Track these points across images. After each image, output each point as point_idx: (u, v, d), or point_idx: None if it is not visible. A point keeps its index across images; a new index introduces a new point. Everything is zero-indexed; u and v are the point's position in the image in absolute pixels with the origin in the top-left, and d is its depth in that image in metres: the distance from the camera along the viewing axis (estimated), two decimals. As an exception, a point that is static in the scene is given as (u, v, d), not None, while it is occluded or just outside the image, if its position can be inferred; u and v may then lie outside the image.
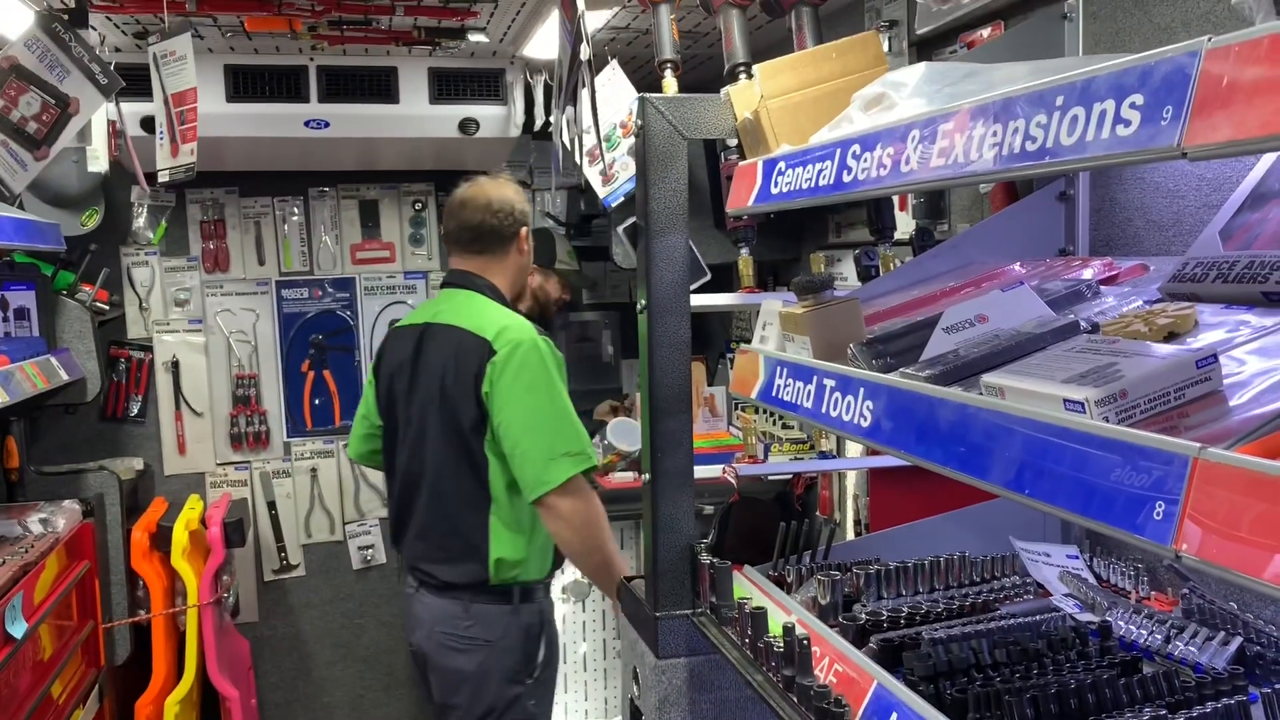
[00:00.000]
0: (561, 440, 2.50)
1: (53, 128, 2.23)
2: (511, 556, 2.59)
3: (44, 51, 2.27)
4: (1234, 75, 0.83)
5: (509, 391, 2.51)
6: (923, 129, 1.31)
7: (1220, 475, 0.87)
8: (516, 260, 2.79)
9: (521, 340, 2.54)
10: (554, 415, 2.51)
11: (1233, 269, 1.40)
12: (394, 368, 2.75)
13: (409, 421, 2.70)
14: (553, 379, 2.54)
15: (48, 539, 2.91)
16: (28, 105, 2.21)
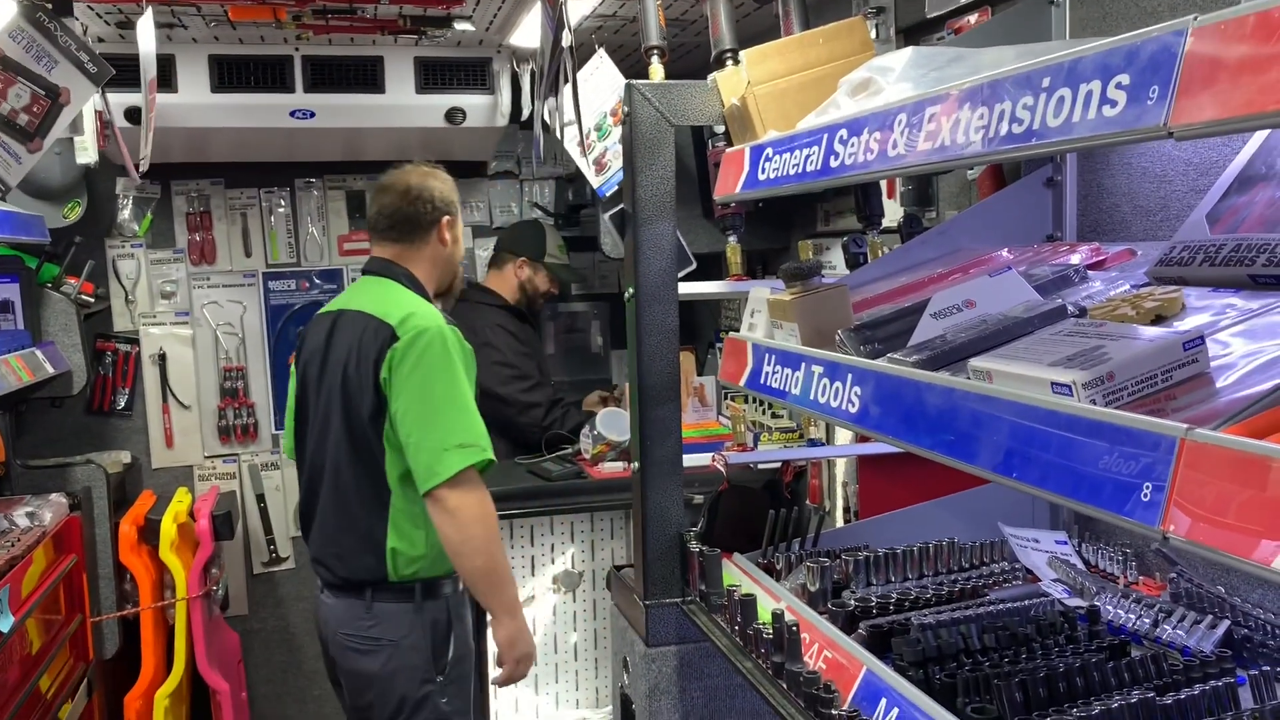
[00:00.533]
0: (455, 432, 2.41)
1: (44, 119, 2.21)
2: (408, 551, 2.50)
3: (30, 41, 2.25)
4: (1219, 54, 0.83)
5: (407, 380, 2.43)
6: (910, 113, 1.30)
7: (1207, 456, 0.87)
8: (437, 250, 2.69)
9: (425, 328, 2.46)
10: (449, 406, 2.43)
11: (1219, 252, 1.40)
12: (308, 356, 2.68)
13: (316, 411, 2.63)
14: (453, 369, 2.46)
15: (34, 533, 2.89)
16: (17, 97, 2.19)
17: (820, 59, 1.84)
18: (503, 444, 3.69)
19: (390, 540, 2.50)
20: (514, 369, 3.65)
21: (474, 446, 2.42)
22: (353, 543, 2.55)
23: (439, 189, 2.70)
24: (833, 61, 1.84)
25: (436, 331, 2.46)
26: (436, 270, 2.71)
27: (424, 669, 2.54)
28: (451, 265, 2.76)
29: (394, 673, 2.53)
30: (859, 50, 1.85)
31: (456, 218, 2.73)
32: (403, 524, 2.51)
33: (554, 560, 3.34)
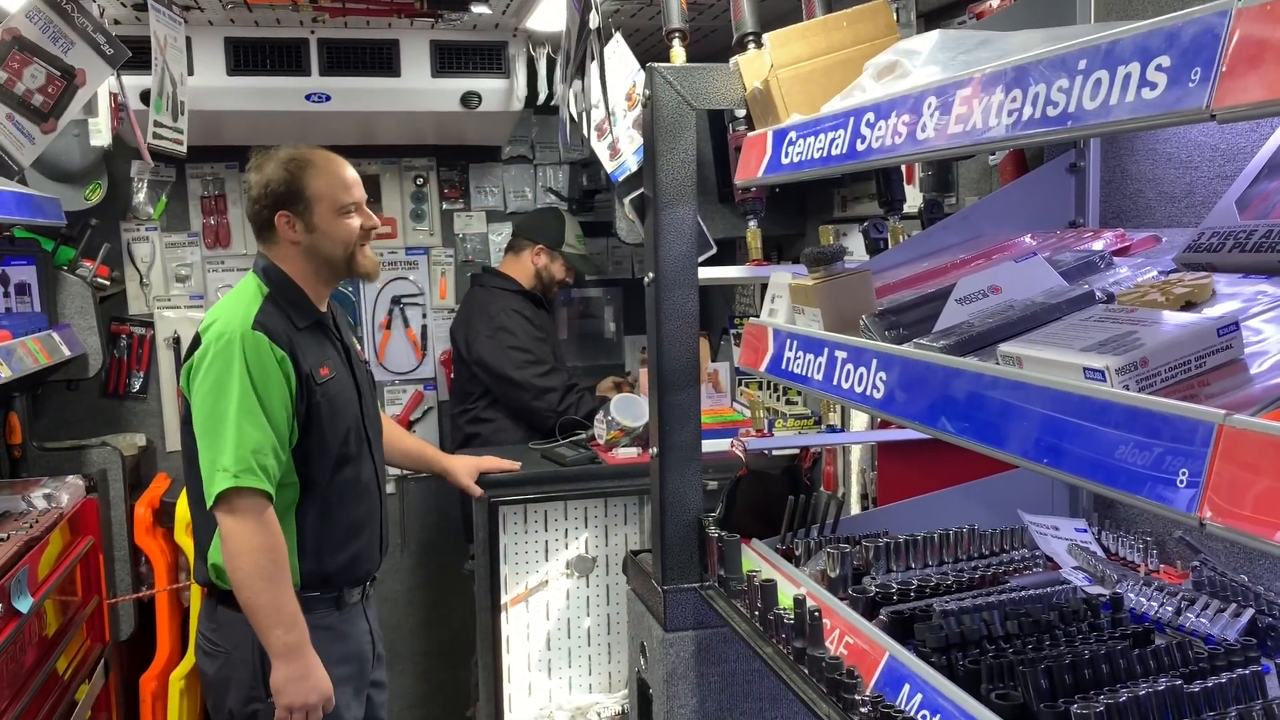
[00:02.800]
0: (225, 451, 2.26)
1: (59, 100, 2.21)
2: (223, 563, 2.36)
3: (46, 22, 2.25)
4: (1266, 35, 0.82)
5: (196, 392, 2.34)
6: (939, 96, 1.29)
7: (1245, 442, 0.86)
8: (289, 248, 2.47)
9: (219, 336, 2.34)
10: (224, 423, 2.28)
11: (1250, 238, 1.39)
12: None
13: None
14: (234, 382, 2.30)
15: (52, 514, 2.91)
16: (32, 78, 2.19)
17: (845, 42, 1.83)
18: (517, 429, 3.69)
19: (212, 550, 2.41)
20: (529, 354, 3.65)
21: (244, 471, 2.25)
22: (198, 546, 2.49)
23: (270, 182, 2.43)
24: (857, 45, 1.83)
25: (223, 344, 2.32)
26: (302, 266, 2.48)
27: (250, 685, 2.40)
28: (322, 255, 2.48)
29: (224, 680, 2.44)
30: (884, 33, 1.84)
31: (305, 206, 2.44)
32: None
33: (568, 545, 3.34)
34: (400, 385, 4.31)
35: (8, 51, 2.23)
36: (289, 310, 2.44)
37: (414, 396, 4.31)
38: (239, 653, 2.41)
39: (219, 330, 2.34)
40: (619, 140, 2.99)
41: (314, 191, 2.45)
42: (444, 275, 4.30)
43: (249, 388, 2.30)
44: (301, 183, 2.44)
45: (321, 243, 2.47)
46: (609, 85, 2.84)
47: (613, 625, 3.39)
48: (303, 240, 2.46)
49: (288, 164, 2.44)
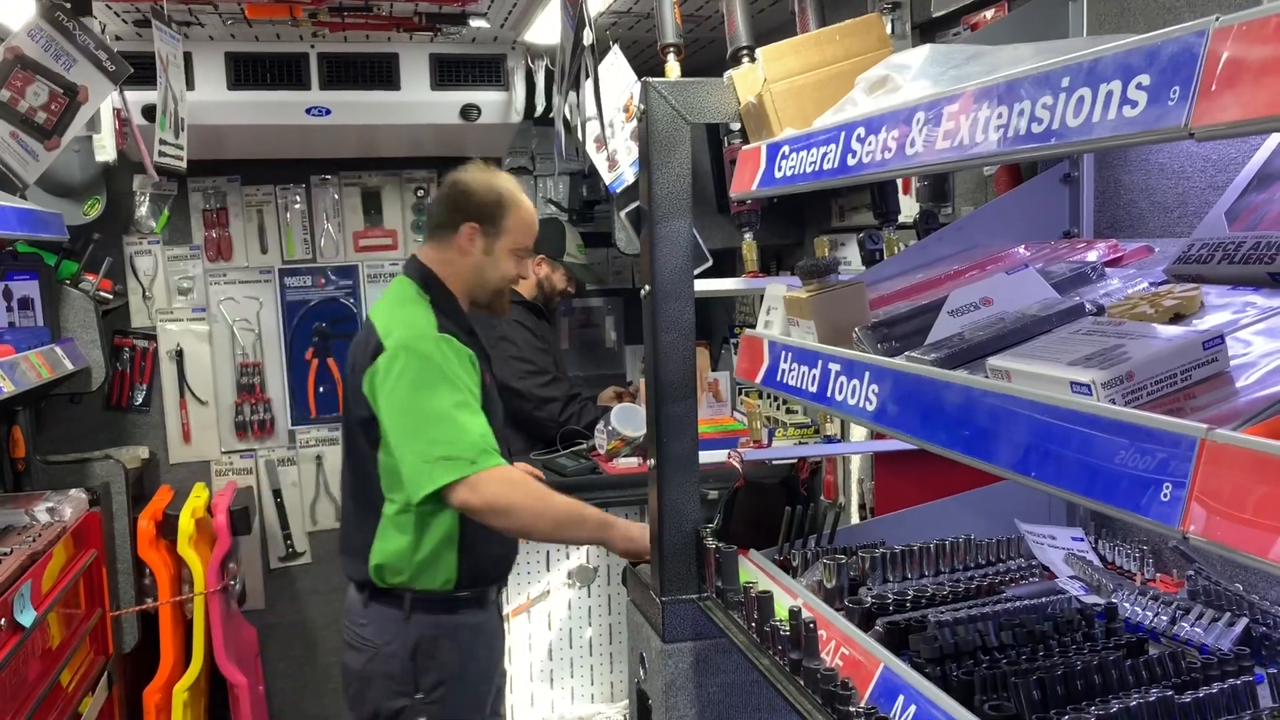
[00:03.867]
0: (438, 444, 2.35)
1: (62, 117, 2.23)
2: (390, 562, 2.46)
3: (48, 40, 2.27)
4: (1241, 55, 0.83)
5: (391, 395, 2.40)
6: (928, 111, 1.30)
7: (1227, 456, 0.87)
8: (457, 256, 2.58)
9: (407, 341, 2.42)
10: (434, 419, 2.36)
11: (1239, 250, 1.39)
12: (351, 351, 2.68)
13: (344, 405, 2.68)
14: (435, 382, 2.39)
15: (55, 528, 2.92)
16: (35, 95, 2.21)
17: (837, 56, 1.84)
18: (519, 438, 3.70)
19: (375, 547, 2.48)
20: (530, 364, 3.66)
21: (482, 454, 2.35)
22: (354, 545, 2.55)
23: (480, 194, 2.57)
24: (850, 58, 1.84)
25: (418, 344, 2.41)
26: (461, 277, 2.59)
27: (400, 681, 2.47)
28: (481, 278, 2.61)
29: (371, 676, 2.50)
30: (876, 47, 1.85)
31: (496, 232, 2.57)
32: (390, 532, 2.47)
33: (569, 555, 3.35)
34: (402, 396, 4.33)
35: (10, 70, 2.25)
36: (452, 317, 2.55)
37: (416, 407, 4.32)
38: (390, 648, 2.48)
39: (404, 336, 2.43)
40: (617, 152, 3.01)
41: (508, 225, 2.59)
42: (445, 286, 4.31)
43: (457, 383, 2.41)
44: (503, 211, 2.58)
45: (488, 268, 2.60)
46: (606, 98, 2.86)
47: (614, 635, 3.40)
48: (474, 257, 2.58)
49: (500, 190, 2.60)
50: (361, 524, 2.53)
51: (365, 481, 2.51)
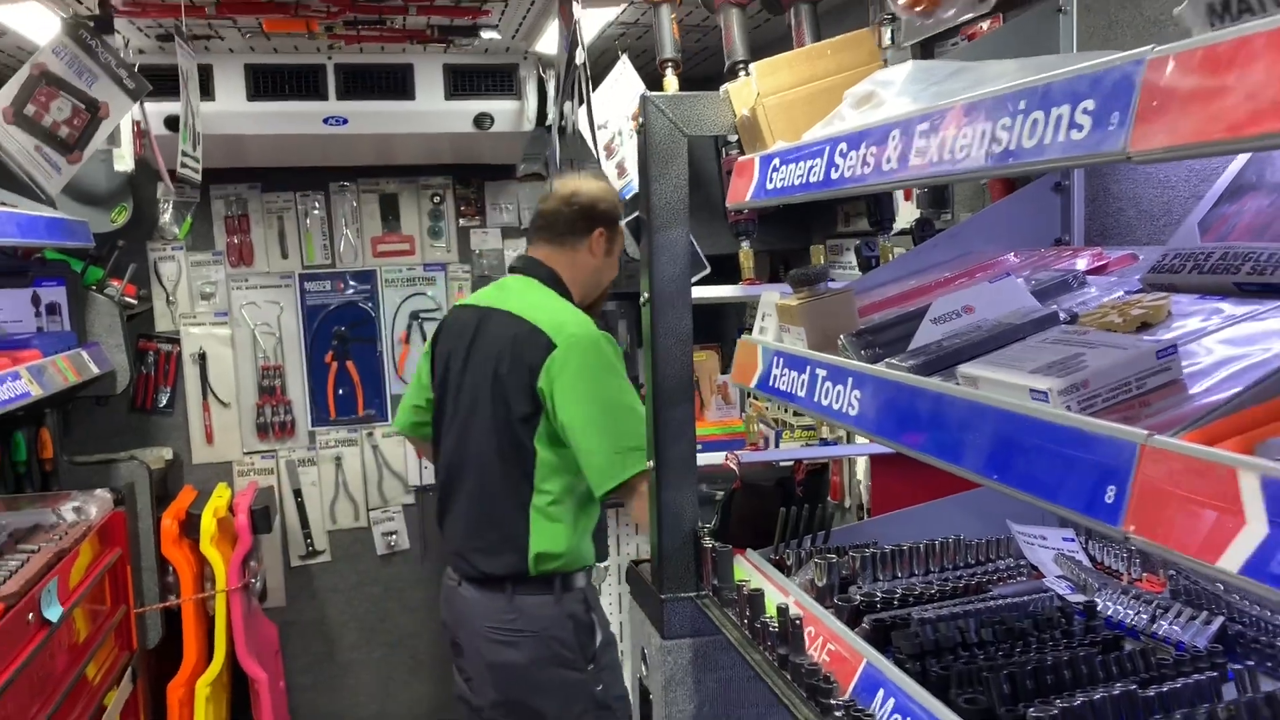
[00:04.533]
0: (629, 435, 2.48)
1: (84, 132, 2.32)
2: (551, 549, 2.58)
3: (72, 58, 2.36)
4: (1172, 84, 0.88)
5: (572, 389, 2.49)
6: (903, 129, 1.36)
7: (1164, 460, 0.92)
8: (586, 259, 2.74)
9: (581, 338, 2.54)
10: (620, 411, 2.50)
11: (1208, 260, 1.44)
12: (450, 348, 2.75)
13: (458, 405, 2.71)
14: (615, 375, 2.53)
15: (80, 527, 3.02)
16: (59, 110, 2.30)
17: (828, 70, 1.90)
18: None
19: (533, 538, 2.58)
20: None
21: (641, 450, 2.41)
22: (496, 539, 2.61)
23: (605, 202, 2.73)
24: (841, 73, 1.90)
25: (591, 341, 2.54)
26: (581, 279, 2.75)
27: (571, 659, 2.60)
28: (598, 279, 2.79)
29: (540, 662, 2.59)
30: (866, 61, 1.91)
31: (614, 237, 2.76)
32: (543, 523, 2.58)
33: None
34: (419, 398, 4.41)
35: (36, 86, 2.33)
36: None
37: (432, 409, 4.41)
38: (550, 631, 2.59)
39: (576, 332, 2.56)
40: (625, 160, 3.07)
41: (620, 230, 2.79)
42: (460, 290, 4.40)
43: (624, 380, 2.55)
44: (618, 217, 2.77)
45: (606, 271, 2.79)
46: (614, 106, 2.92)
47: (623, 633, 3.46)
48: (599, 261, 2.74)
49: (615, 199, 2.77)
50: (503, 521, 2.60)
51: (514, 478, 2.58)
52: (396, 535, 4.42)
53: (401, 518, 4.42)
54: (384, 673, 4.46)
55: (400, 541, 4.43)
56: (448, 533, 2.78)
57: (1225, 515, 0.84)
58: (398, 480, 4.40)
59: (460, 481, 2.71)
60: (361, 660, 4.45)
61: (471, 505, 2.68)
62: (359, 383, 4.35)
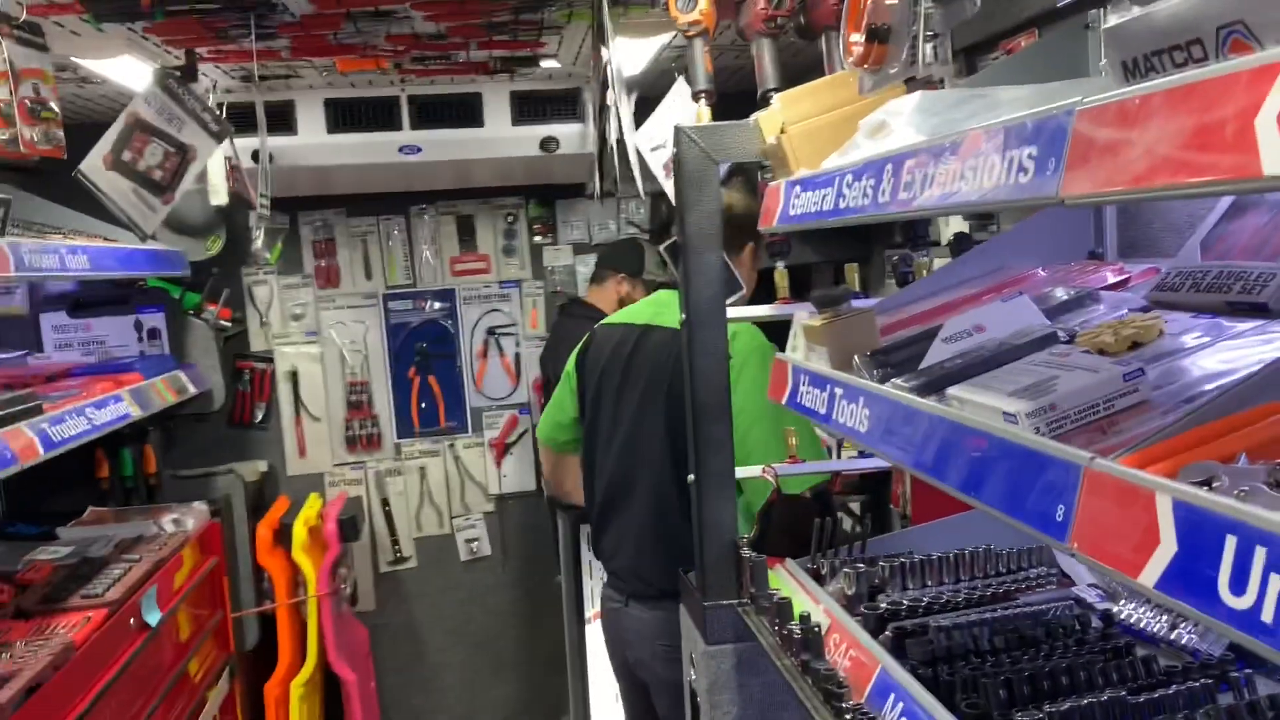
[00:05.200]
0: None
1: (175, 174, 2.52)
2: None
3: (161, 106, 2.56)
4: (1093, 135, 0.95)
5: (748, 398, 2.45)
6: (893, 164, 1.43)
7: (1102, 482, 0.99)
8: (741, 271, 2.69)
9: (756, 346, 2.55)
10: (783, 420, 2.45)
11: (1204, 279, 1.49)
12: (603, 365, 2.77)
13: (619, 422, 2.72)
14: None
15: (178, 537, 3.25)
16: (152, 155, 2.50)
17: (850, 98, 1.96)
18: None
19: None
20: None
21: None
22: (676, 553, 2.53)
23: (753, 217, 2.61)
24: (862, 101, 1.96)
25: (765, 347, 2.55)
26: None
27: None
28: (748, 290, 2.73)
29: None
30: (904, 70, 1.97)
31: (761, 249, 2.74)
32: None
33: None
34: (497, 410, 4.59)
35: (130, 134, 2.55)
36: None
37: (509, 420, 4.58)
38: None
39: (749, 341, 2.57)
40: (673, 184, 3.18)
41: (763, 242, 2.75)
42: (534, 306, 4.56)
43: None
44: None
45: (750, 282, 2.76)
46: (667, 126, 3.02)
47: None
48: (748, 273, 2.74)
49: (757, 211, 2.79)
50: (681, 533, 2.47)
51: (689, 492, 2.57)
52: (478, 541, 4.60)
53: (483, 524, 4.60)
54: (469, 673, 4.64)
55: (482, 548, 4.61)
56: (610, 550, 2.78)
57: (1146, 534, 0.91)
58: (478, 488, 4.58)
59: (628, 498, 2.71)
60: (448, 662, 4.63)
61: (645, 520, 2.68)
62: (440, 396, 4.55)
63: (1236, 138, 0.75)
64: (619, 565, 2.76)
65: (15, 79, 2.00)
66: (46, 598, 2.60)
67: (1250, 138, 0.74)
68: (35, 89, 2.09)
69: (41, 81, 2.13)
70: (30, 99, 2.06)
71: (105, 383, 3.01)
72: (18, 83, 2.01)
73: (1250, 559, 0.79)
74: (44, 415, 2.47)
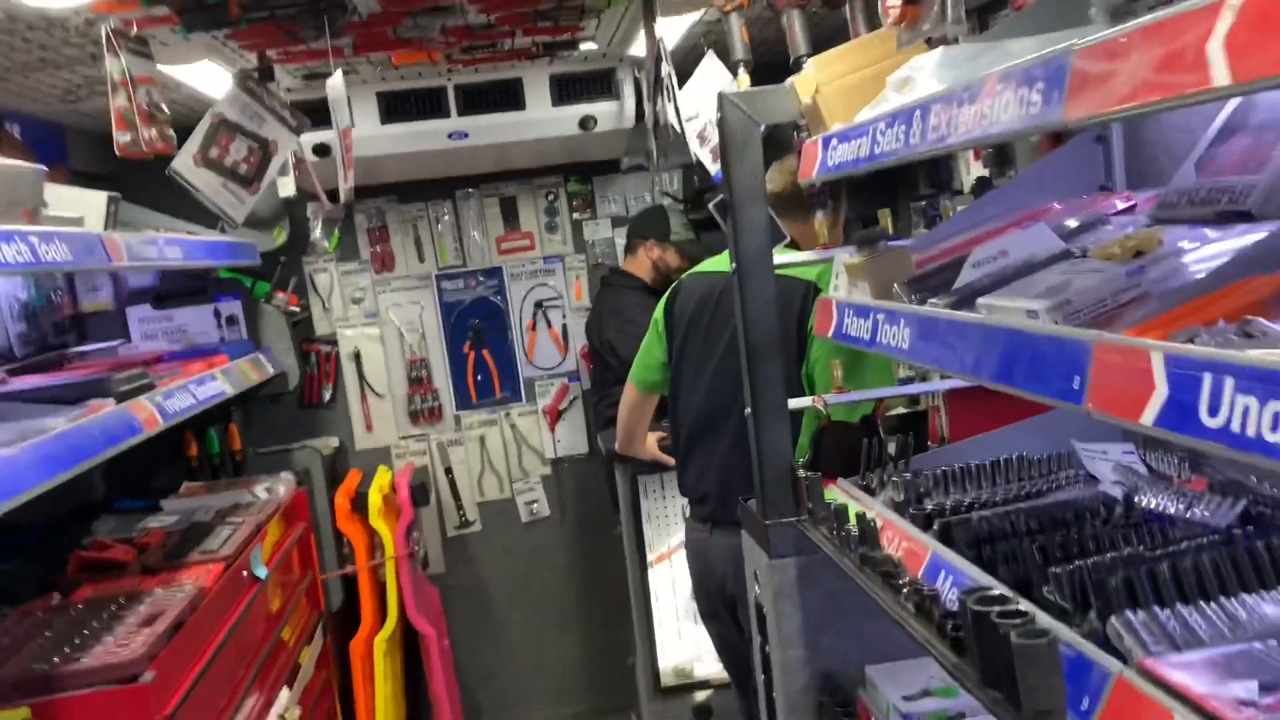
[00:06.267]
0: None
1: (259, 167, 2.77)
2: None
3: (244, 105, 2.82)
4: (1088, 68, 1.18)
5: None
6: (922, 110, 1.66)
7: (1108, 352, 1.23)
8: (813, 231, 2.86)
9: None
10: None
11: (1198, 195, 1.71)
12: (691, 313, 2.99)
13: (705, 363, 2.93)
14: None
15: (273, 503, 3.53)
16: (237, 151, 2.76)
17: (877, 58, 2.19)
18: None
19: None
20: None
21: None
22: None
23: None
24: (888, 59, 2.18)
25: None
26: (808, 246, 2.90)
27: None
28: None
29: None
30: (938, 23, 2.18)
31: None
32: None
33: (702, 507, 3.77)
34: (548, 379, 4.85)
35: (216, 132, 2.80)
36: None
37: (560, 388, 4.84)
38: None
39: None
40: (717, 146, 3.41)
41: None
42: (578, 279, 4.81)
43: None
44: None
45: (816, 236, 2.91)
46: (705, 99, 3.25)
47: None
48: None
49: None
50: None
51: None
52: (537, 503, 4.87)
53: (541, 488, 4.86)
54: (534, 628, 4.91)
55: (541, 509, 4.88)
56: (694, 483, 3.01)
57: (1144, 385, 1.14)
58: (535, 454, 4.85)
59: (713, 433, 2.92)
60: (514, 619, 4.91)
61: (728, 453, 2.90)
62: (494, 369, 4.81)
63: (1193, 60, 0.98)
64: (704, 494, 2.98)
65: (133, 85, 2.26)
66: (168, 555, 2.88)
67: (1203, 58, 0.97)
68: (149, 94, 2.35)
69: (153, 87, 2.39)
70: (146, 103, 2.31)
71: (198, 364, 3.28)
72: (135, 89, 2.27)
73: (1222, 387, 1.03)
74: (157, 390, 2.74)
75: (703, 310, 2.99)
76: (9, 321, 3.44)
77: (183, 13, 2.42)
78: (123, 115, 2.23)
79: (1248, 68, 0.92)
